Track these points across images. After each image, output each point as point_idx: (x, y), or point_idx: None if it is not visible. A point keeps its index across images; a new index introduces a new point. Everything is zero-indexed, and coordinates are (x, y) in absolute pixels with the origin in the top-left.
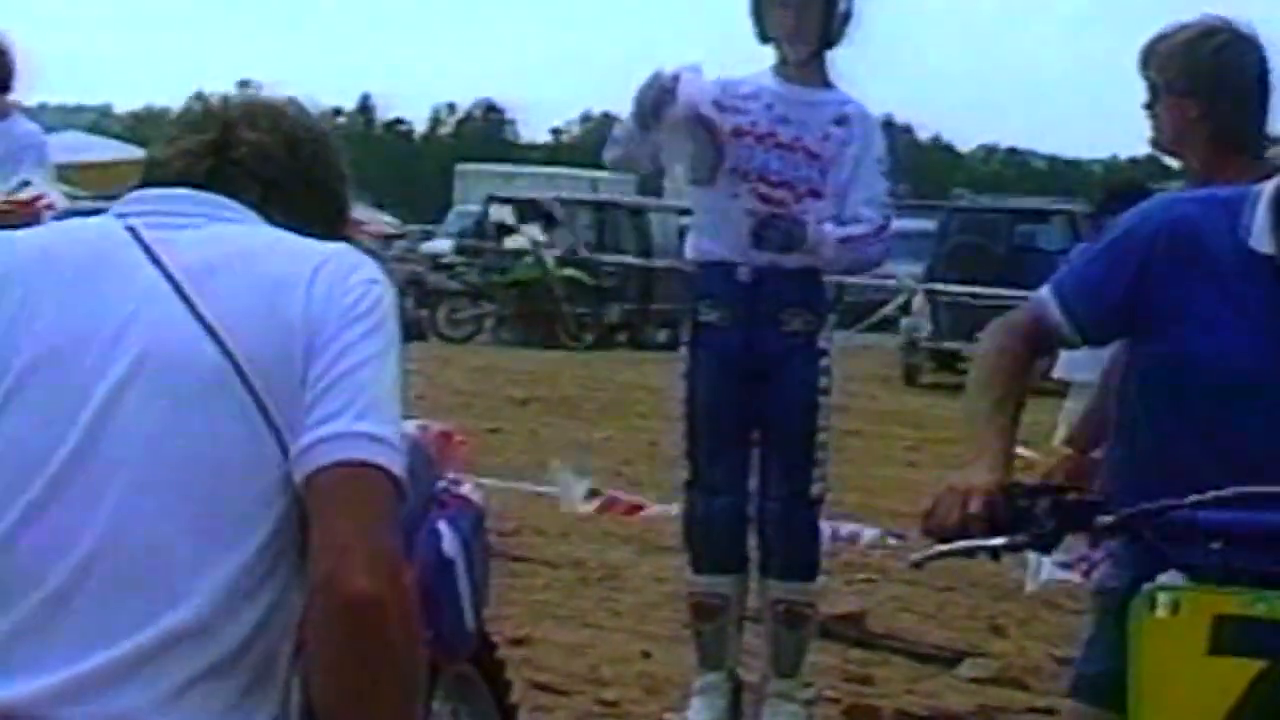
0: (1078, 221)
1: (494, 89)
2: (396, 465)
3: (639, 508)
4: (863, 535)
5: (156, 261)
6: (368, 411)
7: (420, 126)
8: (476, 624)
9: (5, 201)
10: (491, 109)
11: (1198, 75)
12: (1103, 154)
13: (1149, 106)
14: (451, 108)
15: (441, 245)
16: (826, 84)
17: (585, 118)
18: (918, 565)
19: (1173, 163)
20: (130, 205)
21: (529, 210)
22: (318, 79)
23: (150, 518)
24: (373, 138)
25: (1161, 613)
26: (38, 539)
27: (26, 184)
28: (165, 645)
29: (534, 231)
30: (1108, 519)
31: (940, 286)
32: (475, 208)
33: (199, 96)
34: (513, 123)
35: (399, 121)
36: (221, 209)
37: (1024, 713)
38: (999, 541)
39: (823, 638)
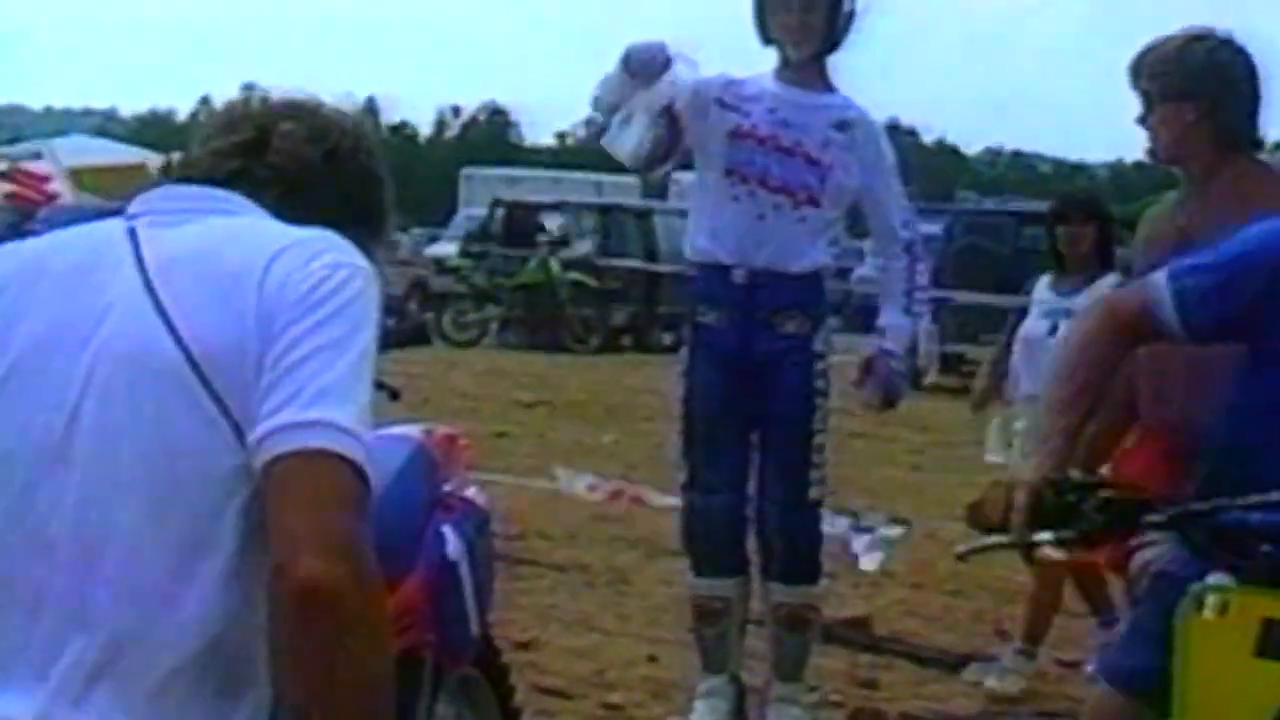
0: None
1: (499, 92)
2: (351, 449)
3: (640, 500)
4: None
5: (138, 258)
6: (318, 399)
7: (425, 130)
8: (481, 627)
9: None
10: (496, 112)
11: (1194, 77)
12: (1108, 157)
13: (1142, 120)
14: (456, 111)
15: (447, 249)
16: (828, 87)
17: (590, 121)
18: (963, 557)
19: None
20: (139, 205)
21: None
22: (322, 82)
23: (112, 514)
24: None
25: (1209, 614)
26: (15, 544)
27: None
28: (137, 640)
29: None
30: (1157, 517)
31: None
32: (480, 211)
33: (238, 98)
34: (518, 126)
35: (404, 124)
36: (221, 202)
37: (1029, 717)
38: (1046, 537)
39: (828, 641)
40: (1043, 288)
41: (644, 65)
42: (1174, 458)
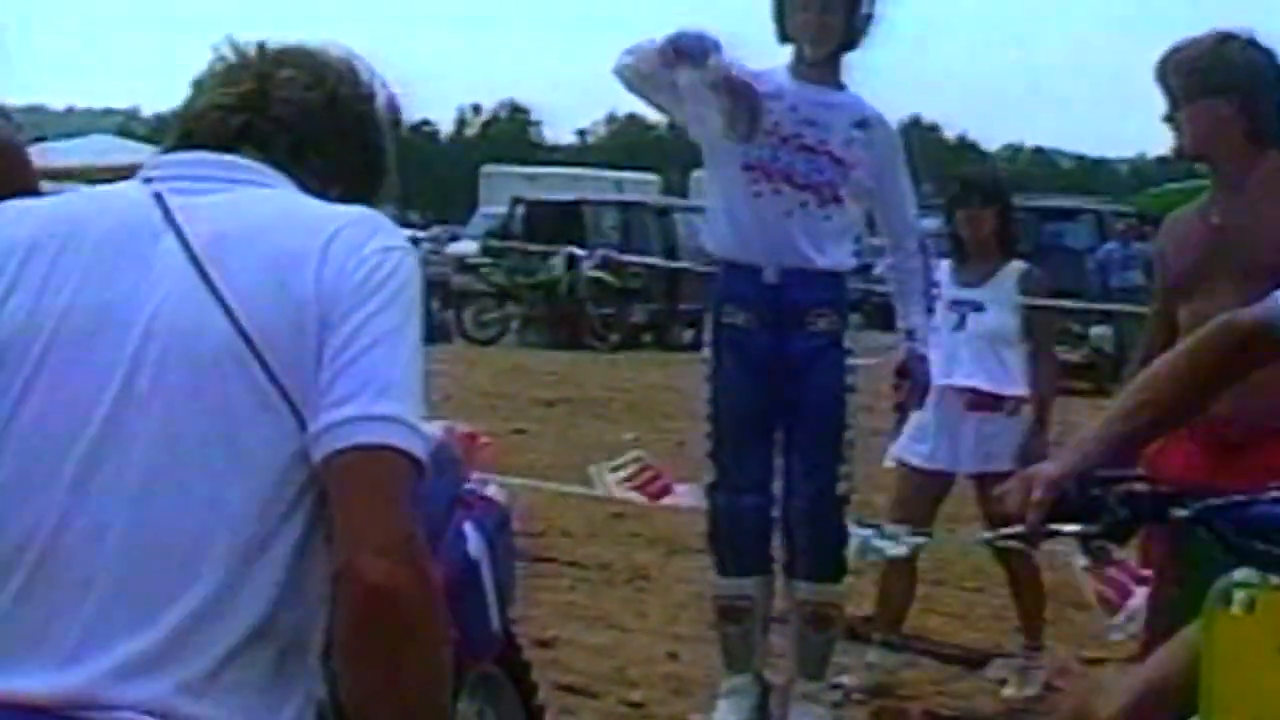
0: (1104, 220)
1: (519, 90)
2: (415, 445)
3: (666, 488)
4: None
5: (178, 231)
6: (385, 392)
7: (446, 128)
8: (502, 625)
9: None
10: (517, 110)
11: (1228, 74)
12: (1129, 153)
13: (1169, 118)
14: (477, 109)
15: (467, 247)
16: (841, 86)
17: (610, 119)
18: (987, 544)
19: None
20: (158, 169)
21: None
22: None
23: (170, 495)
24: (398, 139)
25: (1236, 610)
26: (76, 524)
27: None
28: (195, 622)
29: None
30: (1184, 512)
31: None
32: (501, 209)
33: (232, 42)
34: (538, 124)
35: (425, 123)
36: (250, 172)
37: (1051, 714)
38: (1070, 529)
39: (850, 639)
40: (944, 277)
41: (695, 55)
42: (1220, 451)
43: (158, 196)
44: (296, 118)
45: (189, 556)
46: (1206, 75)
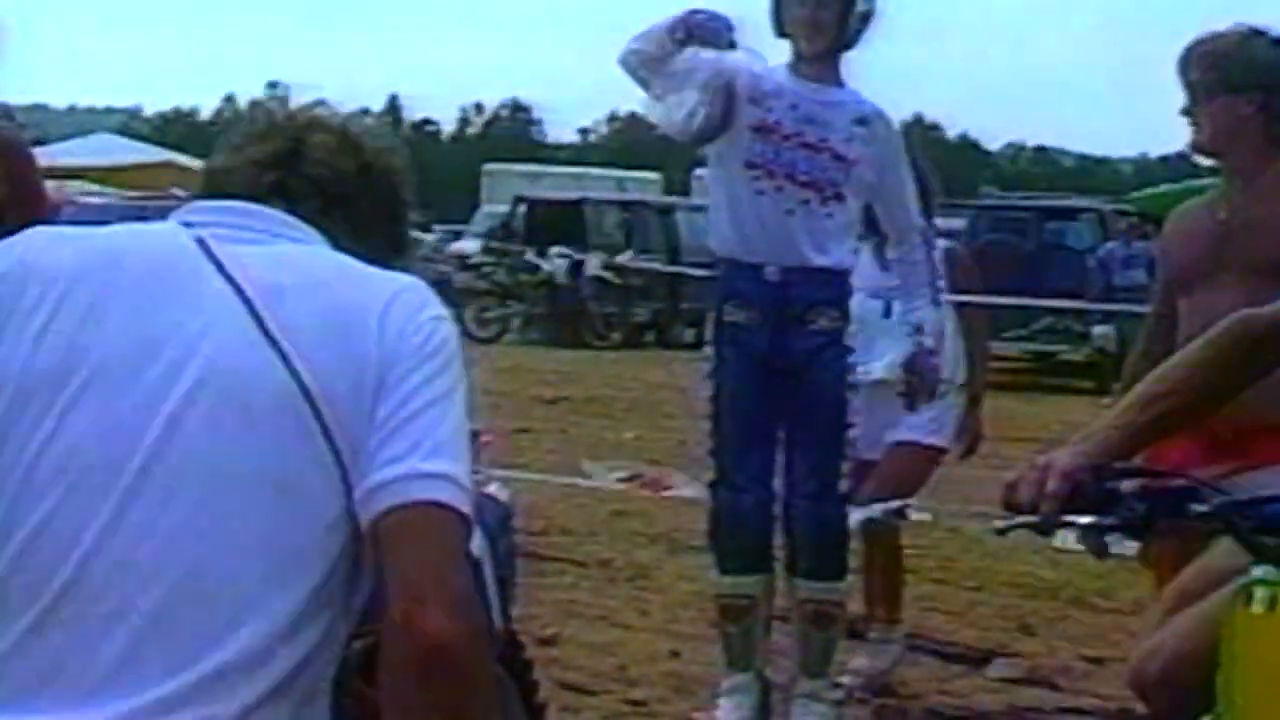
0: (1106, 220)
1: (522, 89)
2: (466, 504)
3: (666, 486)
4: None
5: (227, 276)
6: (438, 451)
7: (448, 127)
8: (504, 623)
9: None
10: (519, 109)
11: (1254, 70)
12: (1131, 152)
13: (1188, 111)
14: (479, 108)
15: (469, 245)
16: (840, 83)
17: (613, 118)
18: (1001, 533)
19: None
20: (196, 215)
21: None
22: (345, 79)
23: (212, 539)
24: (400, 138)
25: (1257, 608)
26: (108, 556)
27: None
28: (223, 673)
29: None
30: (1202, 507)
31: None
32: (503, 208)
33: (262, 104)
34: (540, 123)
35: (427, 122)
36: (287, 227)
37: (1054, 713)
38: (1085, 521)
39: (852, 638)
40: (864, 261)
41: (707, 34)
42: (1213, 446)
43: (200, 241)
44: (328, 180)
45: (232, 602)
46: (1230, 71)
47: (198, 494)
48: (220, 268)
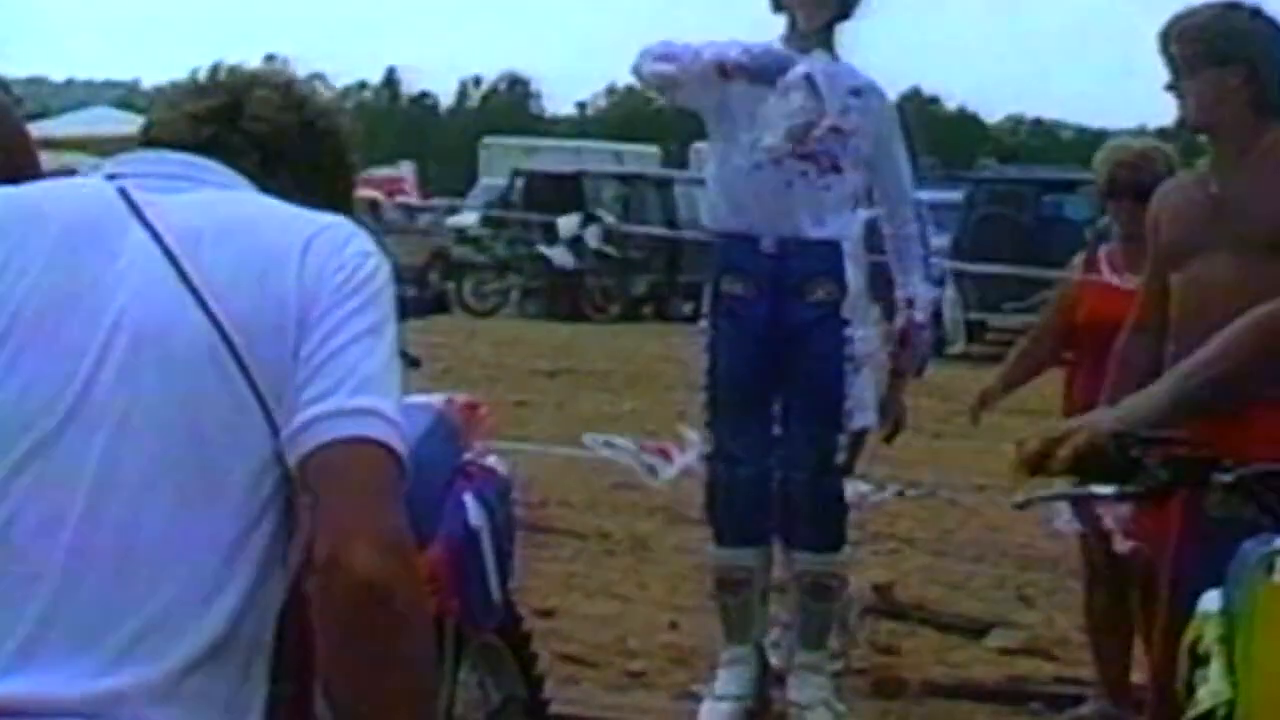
0: None
1: (520, 62)
2: (395, 440)
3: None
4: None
5: (147, 224)
6: (363, 387)
7: (446, 100)
8: (503, 595)
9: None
10: (517, 82)
11: (1235, 43)
12: (1130, 124)
13: (1172, 86)
14: (477, 81)
15: (467, 218)
16: (834, 56)
17: (611, 91)
18: (1021, 506)
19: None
20: (122, 166)
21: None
22: (343, 53)
23: (133, 490)
24: (398, 111)
25: (1278, 578)
26: (28, 519)
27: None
28: (156, 626)
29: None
30: (1225, 477)
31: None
32: (501, 181)
33: (209, 66)
34: (538, 96)
35: (425, 95)
36: (211, 173)
37: (1051, 683)
38: (1106, 490)
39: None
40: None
41: (767, 73)
42: (1221, 421)
43: (122, 191)
44: (268, 135)
45: (154, 560)
46: (1212, 45)
47: (115, 449)
48: (140, 217)
